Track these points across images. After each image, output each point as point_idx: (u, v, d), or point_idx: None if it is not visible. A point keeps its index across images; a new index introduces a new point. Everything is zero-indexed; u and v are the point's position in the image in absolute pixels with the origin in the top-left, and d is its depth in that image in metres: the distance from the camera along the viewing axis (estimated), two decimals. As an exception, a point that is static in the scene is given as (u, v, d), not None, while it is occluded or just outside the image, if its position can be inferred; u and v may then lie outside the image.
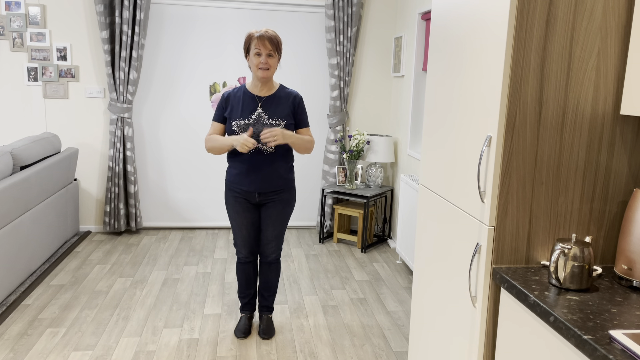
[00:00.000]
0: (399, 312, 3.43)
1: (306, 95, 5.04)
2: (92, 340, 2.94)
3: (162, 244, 4.62)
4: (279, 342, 3.00)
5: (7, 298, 3.35)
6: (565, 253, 1.47)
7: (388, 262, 4.36)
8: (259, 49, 2.68)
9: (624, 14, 1.54)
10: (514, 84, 1.54)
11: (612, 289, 1.50)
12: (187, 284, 3.77)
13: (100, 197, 4.88)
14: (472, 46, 1.76)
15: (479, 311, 1.70)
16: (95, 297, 3.49)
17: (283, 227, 2.95)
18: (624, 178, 1.65)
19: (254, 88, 2.81)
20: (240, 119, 2.77)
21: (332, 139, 4.88)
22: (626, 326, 1.28)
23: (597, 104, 1.59)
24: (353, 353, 2.91)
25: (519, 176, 1.60)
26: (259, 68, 2.70)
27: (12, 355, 2.76)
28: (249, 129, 2.74)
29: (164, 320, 3.21)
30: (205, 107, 4.93)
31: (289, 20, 4.89)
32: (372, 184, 4.79)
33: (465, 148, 1.81)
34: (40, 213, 3.83)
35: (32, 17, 4.51)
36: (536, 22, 1.52)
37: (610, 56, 1.56)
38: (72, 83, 4.67)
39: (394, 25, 4.99)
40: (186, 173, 5.01)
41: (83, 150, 4.79)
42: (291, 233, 5.08)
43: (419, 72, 4.37)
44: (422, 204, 2.21)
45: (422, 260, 2.21)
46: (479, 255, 1.69)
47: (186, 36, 4.79)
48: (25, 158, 3.73)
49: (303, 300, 3.56)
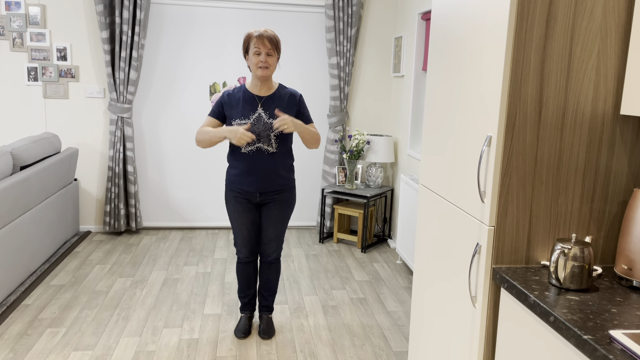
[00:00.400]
0: (399, 312, 3.43)
1: (306, 95, 5.04)
2: (92, 340, 2.94)
3: (162, 244, 4.62)
4: (279, 342, 3.00)
5: (7, 298, 3.35)
6: (565, 253, 1.47)
7: (388, 262, 4.36)
8: (258, 48, 2.69)
9: (624, 14, 1.54)
10: (514, 84, 1.54)
11: (612, 289, 1.50)
12: (187, 284, 3.77)
13: (100, 197, 4.88)
14: (472, 46, 1.76)
15: (479, 311, 1.70)
16: (95, 297, 3.49)
17: (283, 227, 2.96)
18: (624, 178, 1.65)
19: (254, 88, 2.81)
20: (241, 119, 2.77)
21: (332, 139, 4.89)
22: (626, 326, 1.28)
23: (597, 104, 1.59)
24: (353, 353, 2.91)
25: (519, 176, 1.60)
26: (258, 67, 2.71)
27: (12, 355, 2.76)
28: (247, 124, 2.74)
29: (164, 320, 3.21)
30: (205, 107, 4.93)
31: (289, 20, 4.89)
32: (372, 184, 4.79)
33: (465, 148, 1.81)
34: (40, 213, 3.83)
35: (32, 17, 4.51)
36: (536, 22, 1.52)
37: (610, 56, 1.56)
38: (72, 83, 4.67)
39: (394, 25, 4.99)
40: (186, 173, 5.01)
41: (83, 150, 4.79)
42: (291, 233, 5.08)
43: (419, 72, 4.37)
44: (422, 204, 2.21)
45: (422, 260, 2.21)
46: (479, 255, 1.69)
47: (186, 36, 4.79)
48: (25, 158, 3.73)
49: (303, 300, 3.56)
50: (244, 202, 2.89)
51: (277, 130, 2.75)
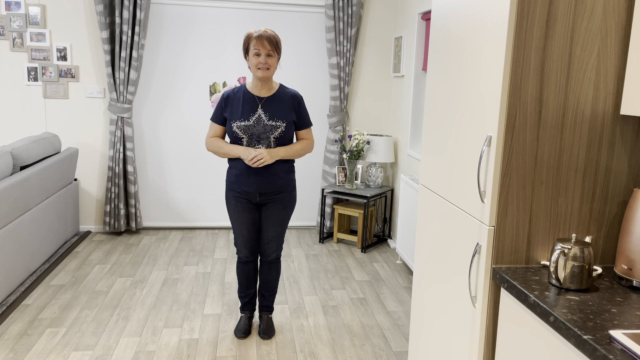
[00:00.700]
0: (399, 312, 3.43)
1: (306, 95, 5.04)
2: (92, 340, 2.94)
3: (162, 244, 4.62)
4: (279, 342, 3.00)
5: (7, 298, 3.35)
6: (565, 253, 1.47)
7: (388, 262, 4.36)
8: (258, 49, 2.67)
9: (624, 14, 1.55)
10: (514, 84, 1.54)
11: (612, 289, 1.50)
12: (187, 284, 3.77)
13: (100, 197, 4.88)
14: (472, 46, 1.76)
15: (479, 311, 1.70)
16: (95, 297, 3.49)
17: (284, 227, 2.95)
18: (624, 178, 1.65)
19: (254, 88, 2.80)
20: (241, 120, 2.76)
21: (332, 139, 4.89)
22: (626, 326, 1.28)
23: (597, 104, 1.59)
24: (353, 353, 2.91)
25: (519, 176, 1.60)
26: (258, 68, 2.70)
27: (12, 355, 2.76)
28: (261, 146, 2.77)
29: (164, 320, 3.21)
30: (205, 107, 4.93)
31: (289, 20, 4.89)
32: (372, 184, 4.79)
33: (465, 148, 1.81)
34: (40, 213, 3.83)
35: (32, 17, 4.51)
36: (536, 22, 1.52)
37: (610, 56, 1.56)
38: (72, 83, 4.67)
39: (394, 25, 4.99)
40: (186, 173, 5.01)
41: (83, 150, 4.79)
42: (291, 233, 5.08)
43: (419, 72, 4.37)
44: (422, 204, 2.21)
45: (422, 260, 2.21)
46: (479, 255, 1.69)
47: (186, 36, 4.79)
48: (25, 158, 3.73)
49: (303, 300, 3.56)
50: (244, 202, 2.89)
51: (276, 132, 2.75)
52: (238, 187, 2.86)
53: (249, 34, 2.71)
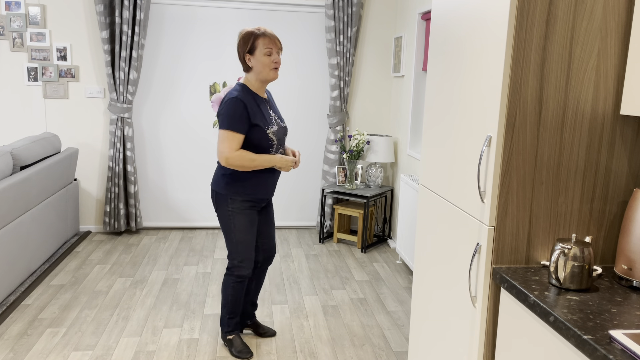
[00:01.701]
0: (399, 312, 3.43)
1: (306, 95, 5.05)
2: (92, 340, 2.94)
3: (162, 244, 4.62)
4: (279, 342, 3.00)
5: (7, 298, 3.35)
6: (565, 253, 1.47)
7: (388, 262, 4.36)
8: (270, 49, 2.53)
9: (624, 14, 1.54)
10: (514, 84, 1.54)
11: (612, 289, 1.50)
12: (187, 284, 3.77)
13: (100, 197, 4.88)
14: (472, 46, 1.76)
15: (479, 311, 1.70)
16: (95, 297, 3.49)
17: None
18: (624, 178, 1.65)
19: (260, 90, 2.64)
20: (269, 127, 2.60)
21: (332, 139, 4.89)
22: (626, 326, 1.28)
23: (597, 104, 1.59)
24: (353, 353, 2.91)
25: (519, 176, 1.60)
26: (272, 68, 2.56)
27: (12, 355, 2.76)
28: (296, 151, 2.75)
29: (164, 320, 3.21)
30: (205, 107, 4.93)
31: (289, 20, 4.89)
32: (372, 184, 4.79)
33: (465, 148, 1.81)
34: (40, 213, 3.83)
35: (32, 17, 4.51)
36: (536, 22, 1.52)
37: (610, 56, 1.56)
38: (72, 83, 4.67)
39: (394, 25, 4.99)
40: (186, 173, 5.01)
41: (83, 150, 4.79)
42: (291, 233, 5.08)
43: (419, 72, 4.37)
44: (422, 204, 2.21)
45: (422, 260, 2.21)
46: (479, 255, 1.69)
47: (186, 36, 4.79)
48: (25, 158, 3.73)
49: (303, 301, 3.56)
50: (256, 212, 2.76)
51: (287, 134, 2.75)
52: (255, 197, 2.68)
53: (252, 33, 2.55)
